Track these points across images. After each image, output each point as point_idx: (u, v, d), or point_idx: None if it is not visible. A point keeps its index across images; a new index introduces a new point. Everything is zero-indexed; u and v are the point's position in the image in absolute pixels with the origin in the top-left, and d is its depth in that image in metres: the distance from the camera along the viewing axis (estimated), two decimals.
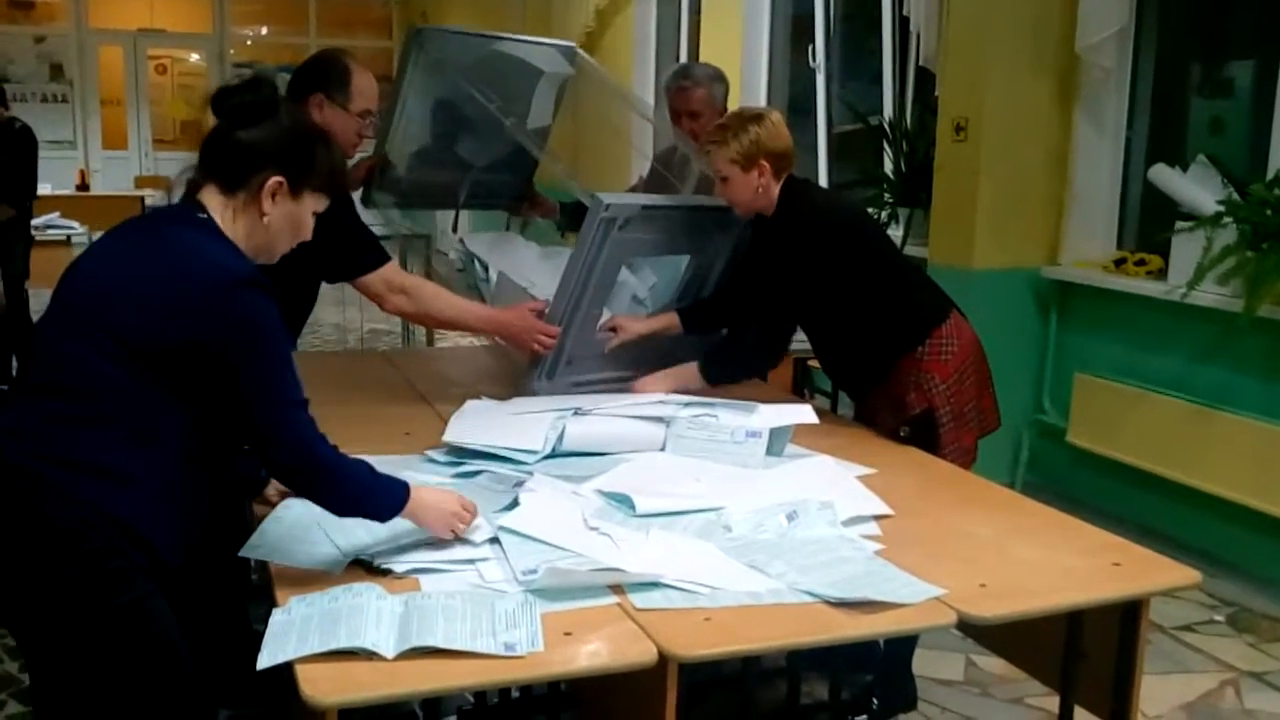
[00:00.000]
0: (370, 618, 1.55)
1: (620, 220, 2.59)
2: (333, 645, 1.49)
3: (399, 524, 1.83)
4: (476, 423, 2.38)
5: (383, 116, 2.85)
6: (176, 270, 1.65)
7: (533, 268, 3.05)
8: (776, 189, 2.64)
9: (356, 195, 2.93)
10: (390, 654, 1.49)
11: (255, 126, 1.73)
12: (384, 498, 1.76)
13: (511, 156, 3.23)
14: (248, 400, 1.66)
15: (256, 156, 1.73)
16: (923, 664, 2.84)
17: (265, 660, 1.48)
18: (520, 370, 2.82)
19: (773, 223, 2.68)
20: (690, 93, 3.34)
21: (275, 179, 1.73)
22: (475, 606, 1.62)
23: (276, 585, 1.71)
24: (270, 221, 1.75)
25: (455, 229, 4.28)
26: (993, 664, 3.00)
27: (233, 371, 1.64)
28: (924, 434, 2.57)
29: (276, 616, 1.59)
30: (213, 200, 1.74)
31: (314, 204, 1.80)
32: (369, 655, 1.49)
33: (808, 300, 2.67)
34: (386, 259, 2.63)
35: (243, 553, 1.83)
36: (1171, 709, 2.90)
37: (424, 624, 1.55)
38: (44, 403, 1.65)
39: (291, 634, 1.52)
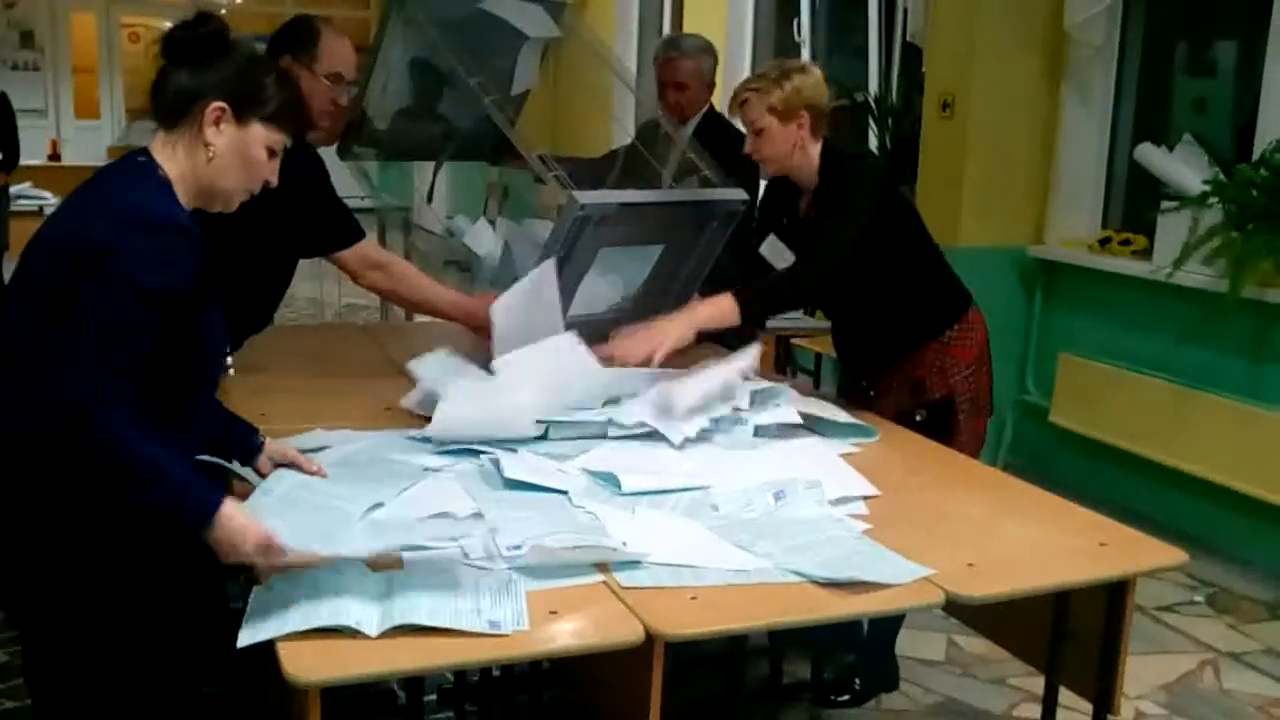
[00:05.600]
0: (353, 595, 1.52)
1: (595, 218, 2.56)
2: (315, 623, 1.46)
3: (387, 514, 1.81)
4: (462, 412, 2.22)
5: (360, 71, 2.80)
6: (89, 213, 1.59)
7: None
8: (814, 149, 2.50)
9: (332, 159, 2.87)
10: (374, 632, 1.47)
11: (198, 59, 1.65)
12: (190, 497, 1.54)
13: None
14: (62, 327, 1.52)
15: (195, 86, 1.64)
16: (904, 644, 2.84)
17: (246, 638, 1.45)
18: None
19: (821, 187, 2.53)
20: (678, 64, 3.30)
21: (216, 105, 1.64)
22: (460, 584, 1.59)
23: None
24: (216, 153, 1.65)
25: (430, 199, 4.24)
26: (975, 644, 3.00)
27: (73, 292, 1.52)
28: (939, 419, 2.53)
29: (258, 594, 1.55)
30: (156, 141, 1.67)
31: (265, 136, 1.68)
32: (352, 633, 1.46)
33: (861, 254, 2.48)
34: (362, 235, 2.61)
35: None
36: (1151, 689, 2.91)
37: (408, 601, 1.52)
38: (13, 376, 1.61)
39: (272, 612, 1.49)
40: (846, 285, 2.58)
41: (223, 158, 1.66)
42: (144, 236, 1.54)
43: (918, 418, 2.54)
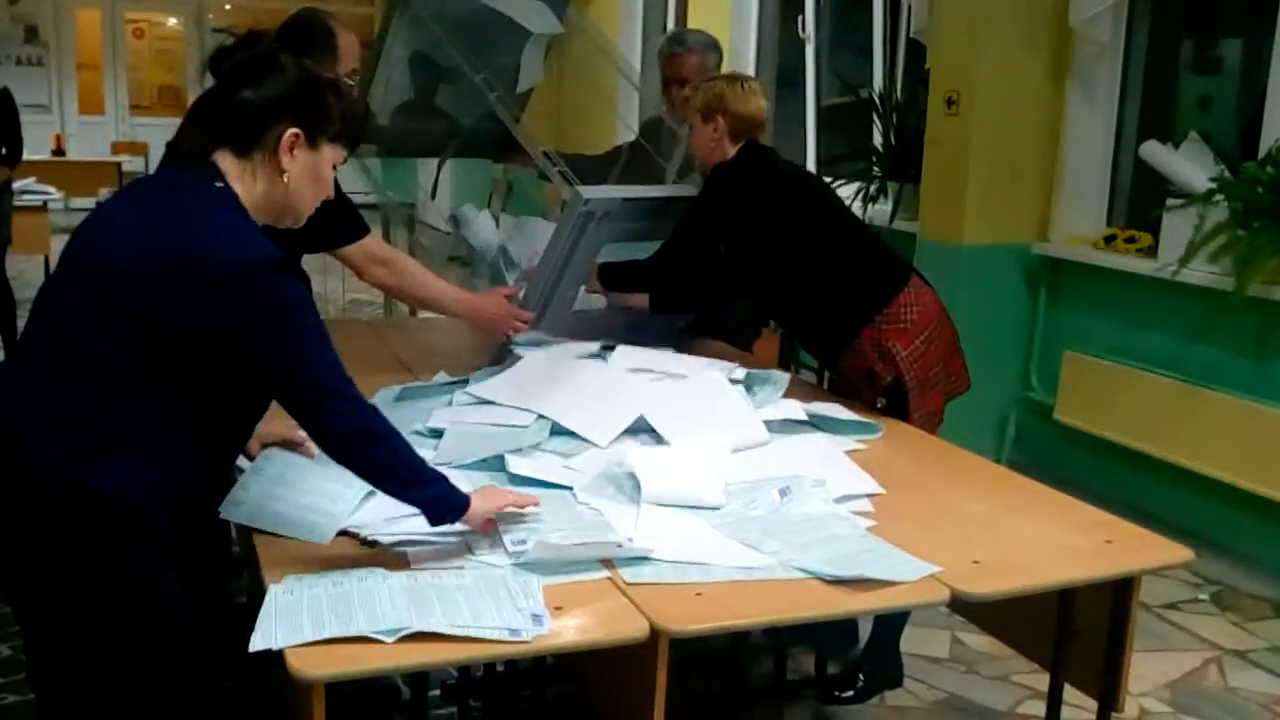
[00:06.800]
0: (384, 602, 1.53)
1: (599, 213, 2.56)
2: (354, 631, 1.46)
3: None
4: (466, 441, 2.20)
5: (364, 67, 2.81)
6: (197, 249, 1.57)
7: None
8: (731, 151, 2.70)
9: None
10: (390, 639, 1.46)
11: (260, 83, 1.66)
12: (443, 496, 1.70)
13: None
14: (285, 388, 1.63)
15: (267, 112, 1.66)
16: (909, 641, 2.83)
17: (281, 641, 1.44)
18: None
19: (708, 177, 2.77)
20: (683, 60, 3.28)
21: (291, 131, 1.66)
22: (485, 589, 1.59)
23: (264, 563, 1.66)
24: (290, 178, 1.68)
25: (434, 196, 4.23)
26: (979, 641, 2.99)
27: (264, 360, 1.59)
28: (896, 401, 2.57)
29: (277, 595, 1.54)
30: (229, 166, 1.67)
31: (333, 155, 1.73)
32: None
33: (717, 247, 2.71)
34: (367, 231, 2.62)
35: (224, 513, 1.79)
36: (1156, 687, 2.90)
37: (438, 607, 1.52)
38: (46, 377, 1.59)
39: (302, 617, 1.49)
40: (765, 285, 2.76)
41: (298, 181, 1.69)
42: (275, 275, 1.59)
43: (878, 405, 2.57)
